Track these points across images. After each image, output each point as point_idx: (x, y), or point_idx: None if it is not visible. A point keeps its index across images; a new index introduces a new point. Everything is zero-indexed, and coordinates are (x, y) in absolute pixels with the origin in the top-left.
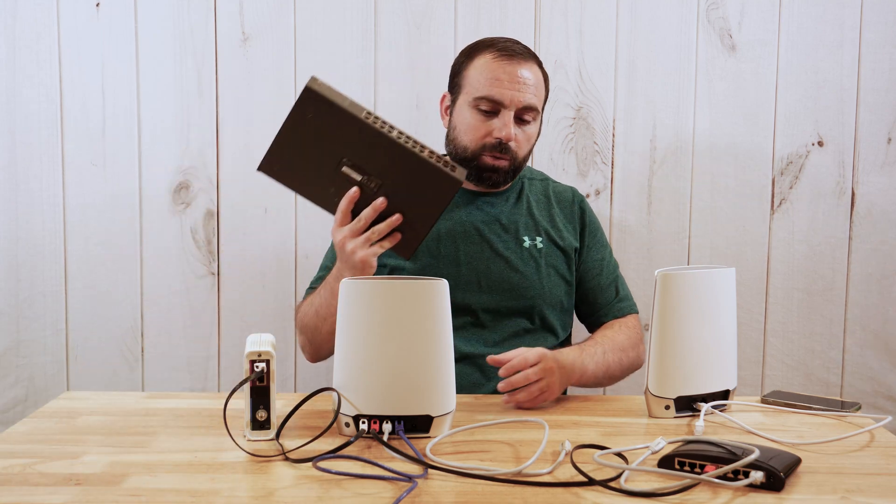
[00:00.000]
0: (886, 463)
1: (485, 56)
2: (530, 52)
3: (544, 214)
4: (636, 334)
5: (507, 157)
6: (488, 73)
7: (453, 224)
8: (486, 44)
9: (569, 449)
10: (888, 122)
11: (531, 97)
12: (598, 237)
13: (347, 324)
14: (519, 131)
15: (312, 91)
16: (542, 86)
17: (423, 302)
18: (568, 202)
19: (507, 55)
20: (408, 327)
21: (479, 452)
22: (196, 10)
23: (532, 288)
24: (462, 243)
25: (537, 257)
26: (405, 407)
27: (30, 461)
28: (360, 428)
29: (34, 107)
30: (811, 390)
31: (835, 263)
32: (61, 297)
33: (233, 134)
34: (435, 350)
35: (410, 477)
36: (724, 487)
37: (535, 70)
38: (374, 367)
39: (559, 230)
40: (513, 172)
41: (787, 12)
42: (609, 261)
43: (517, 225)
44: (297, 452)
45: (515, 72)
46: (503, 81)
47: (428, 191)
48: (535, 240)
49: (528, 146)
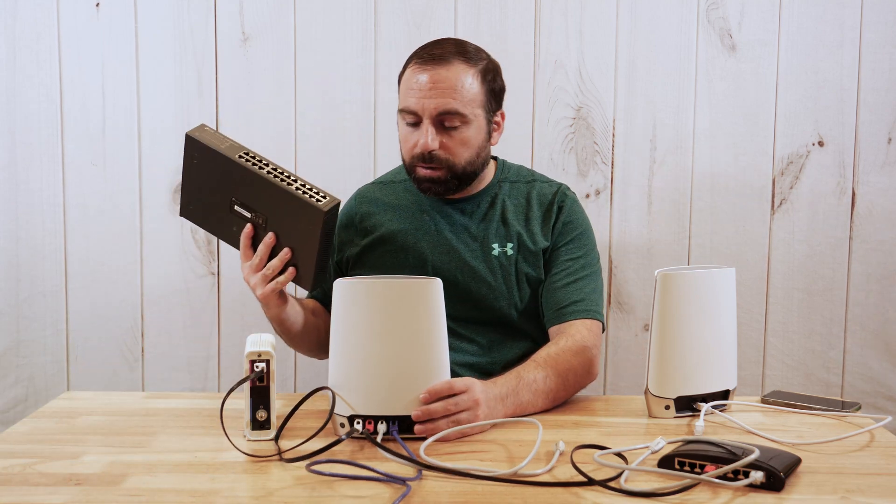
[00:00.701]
0: (886, 463)
1: (409, 67)
2: (455, 51)
3: (520, 218)
4: (581, 342)
5: (440, 167)
6: (406, 83)
7: (424, 234)
8: (416, 51)
9: (562, 449)
10: (888, 122)
11: (449, 101)
12: (575, 238)
13: (342, 324)
14: (446, 138)
15: (191, 138)
16: (475, 84)
17: (418, 301)
18: (547, 203)
19: (421, 62)
20: (402, 327)
21: (473, 453)
22: (196, 10)
23: (500, 298)
24: (431, 253)
25: (507, 265)
26: (400, 407)
27: (30, 461)
28: (353, 427)
29: (34, 107)
30: (811, 390)
31: (835, 263)
32: (61, 297)
33: (233, 134)
34: (430, 349)
35: (404, 480)
36: (724, 487)
37: (457, 70)
38: (368, 367)
39: (532, 234)
40: (456, 180)
41: (787, 12)
42: (577, 265)
43: (486, 232)
44: (293, 452)
45: (429, 78)
46: (415, 91)
47: (301, 222)
48: (505, 247)
49: (465, 150)
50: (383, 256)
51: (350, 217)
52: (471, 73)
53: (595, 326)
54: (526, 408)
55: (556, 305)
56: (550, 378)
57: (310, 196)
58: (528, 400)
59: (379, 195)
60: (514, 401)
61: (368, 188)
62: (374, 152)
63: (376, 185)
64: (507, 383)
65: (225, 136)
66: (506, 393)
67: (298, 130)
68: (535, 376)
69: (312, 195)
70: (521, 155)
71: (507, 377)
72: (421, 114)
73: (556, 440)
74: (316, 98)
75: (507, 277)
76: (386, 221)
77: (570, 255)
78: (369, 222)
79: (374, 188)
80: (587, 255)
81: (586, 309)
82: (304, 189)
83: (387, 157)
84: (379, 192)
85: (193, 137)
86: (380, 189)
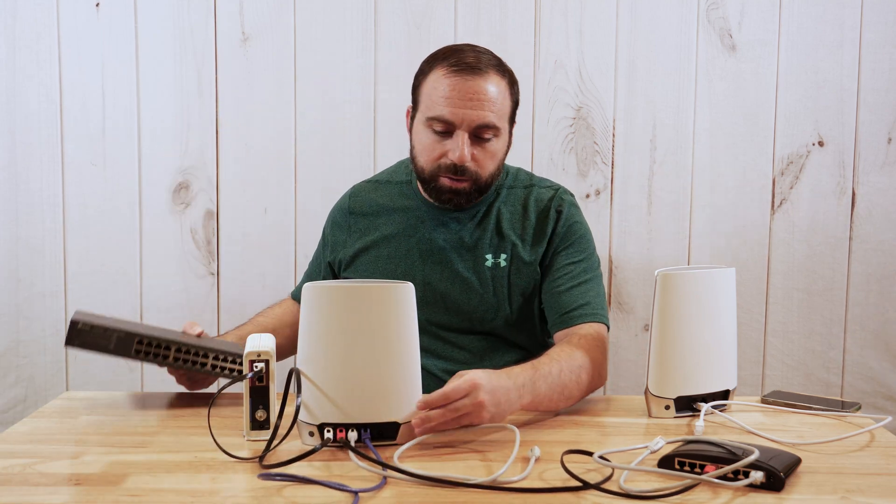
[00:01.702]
0: (886, 463)
1: (438, 71)
2: (490, 62)
3: (516, 227)
4: (591, 343)
5: (467, 179)
6: (440, 90)
7: (417, 242)
8: (442, 55)
9: (538, 455)
10: (888, 122)
11: (488, 114)
12: (576, 242)
13: (310, 329)
14: (478, 150)
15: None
16: (506, 97)
17: (388, 306)
18: (544, 209)
19: (459, 70)
20: (373, 332)
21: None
22: (196, 10)
23: (490, 310)
24: (423, 263)
25: (499, 277)
26: (371, 414)
27: (30, 461)
28: (325, 438)
29: (34, 107)
30: (811, 390)
31: (835, 263)
32: (61, 297)
33: (233, 134)
34: (400, 354)
35: (355, 492)
36: (724, 487)
37: (493, 82)
38: (338, 374)
39: (527, 242)
40: (477, 192)
41: (787, 12)
42: (579, 269)
43: (480, 242)
44: (274, 458)
45: (468, 89)
46: (454, 100)
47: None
48: (498, 258)
49: (492, 164)
50: (375, 262)
51: (343, 216)
52: (503, 84)
53: (602, 330)
54: (542, 401)
55: (561, 310)
56: (565, 373)
57: (222, 371)
58: (545, 392)
59: (374, 195)
60: (530, 390)
61: (364, 186)
62: (374, 152)
63: (371, 185)
64: (523, 373)
65: (106, 325)
66: (521, 383)
67: (298, 130)
68: (550, 369)
69: (225, 369)
70: (521, 155)
71: (523, 367)
72: (458, 125)
73: (533, 445)
74: (316, 98)
75: (499, 289)
76: (380, 225)
77: (572, 259)
78: (362, 224)
79: (370, 187)
80: (588, 258)
81: (593, 312)
82: (218, 367)
83: (386, 157)
84: (374, 193)
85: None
86: (375, 189)
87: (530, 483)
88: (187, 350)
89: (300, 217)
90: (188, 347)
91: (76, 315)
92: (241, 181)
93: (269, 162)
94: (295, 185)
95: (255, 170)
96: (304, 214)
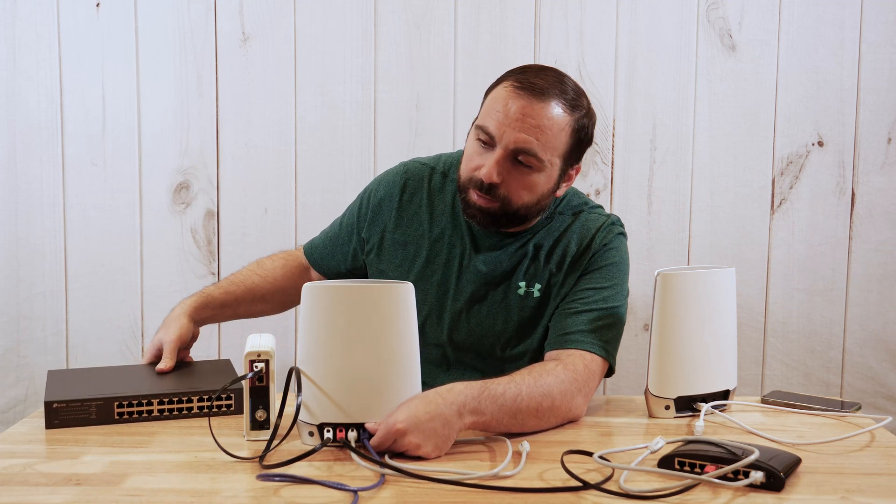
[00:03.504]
0: (886, 463)
1: (505, 84)
2: (559, 90)
3: (557, 255)
4: (572, 374)
5: (496, 200)
6: (494, 101)
7: (452, 248)
8: (518, 70)
9: (528, 450)
10: (888, 122)
11: (530, 140)
12: (605, 268)
13: (310, 329)
14: (513, 174)
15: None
16: (563, 131)
17: (388, 306)
18: (589, 237)
19: (521, 87)
20: (373, 332)
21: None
22: (196, 10)
23: (513, 339)
24: (454, 278)
25: (529, 306)
26: (371, 414)
27: (30, 461)
28: (325, 439)
29: (34, 107)
30: (811, 390)
31: (835, 263)
32: (61, 297)
33: (233, 134)
34: (400, 354)
35: (354, 491)
36: (724, 487)
37: (551, 111)
38: (338, 374)
39: (563, 271)
40: (506, 218)
41: (787, 12)
42: (598, 296)
43: (517, 268)
44: (276, 457)
45: (520, 108)
46: (500, 114)
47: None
48: (532, 287)
49: (528, 195)
50: (403, 261)
51: (390, 194)
52: (565, 120)
53: (596, 363)
54: (489, 422)
55: (561, 329)
56: (524, 398)
57: (209, 410)
58: (493, 414)
59: (428, 184)
60: (472, 410)
61: (420, 170)
62: (374, 152)
63: (427, 168)
64: (466, 391)
65: (83, 397)
66: (461, 401)
67: (298, 130)
68: (506, 390)
69: (212, 407)
70: None
71: (471, 385)
72: (497, 140)
73: (533, 445)
74: (316, 98)
75: (525, 320)
76: (424, 219)
77: (593, 285)
78: (408, 211)
79: (426, 172)
80: (613, 288)
81: (594, 342)
82: (202, 407)
83: (387, 157)
84: (429, 181)
85: (53, 418)
86: (430, 175)
87: (530, 483)
88: (170, 399)
89: (300, 217)
90: (170, 396)
91: (48, 393)
92: (241, 181)
93: (269, 162)
94: (295, 185)
95: (255, 170)
96: (304, 214)
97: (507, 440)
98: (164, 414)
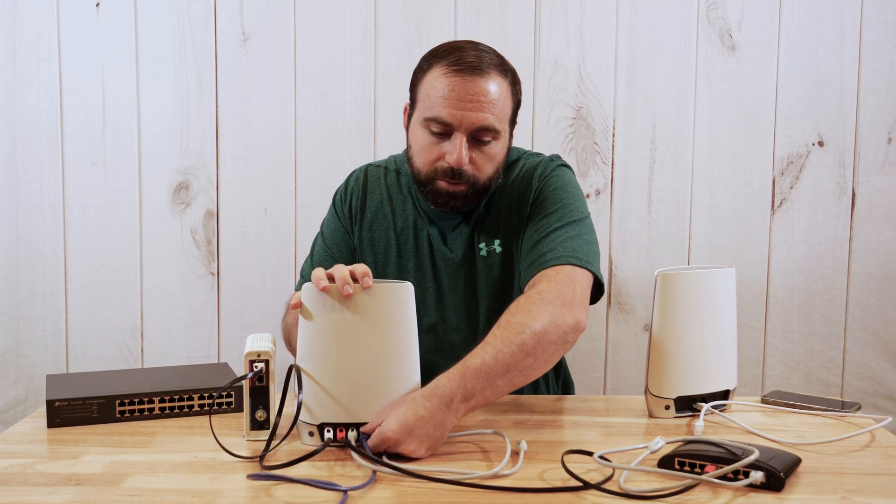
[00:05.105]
0: (886, 463)
1: (438, 69)
2: (492, 61)
3: (504, 208)
4: (541, 291)
5: (464, 182)
6: (439, 90)
7: (416, 243)
8: (443, 52)
9: (526, 449)
10: (888, 122)
11: (488, 117)
12: (548, 196)
13: (309, 329)
14: (477, 153)
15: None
16: (507, 98)
17: (388, 306)
18: (529, 178)
19: (459, 69)
20: (372, 332)
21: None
22: (196, 10)
23: (483, 299)
24: (434, 262)
25: (493, 264)
26: (371, 414)
27: (30, 461)
28: (326, 440)
29: (34, 107)
30: (811, 390)
31: (835, 263)
32: (61, 297)
33: (233, 134)
34: (400, 354)
35: (344, 490)
36: (724, 487)
37: (495, 83)
38: (338, 374)
39: (514, 223)
40: (475, 195)
41: (787, 12)
42: (553, 218)
43: (476, 231)
44: (274, 459)
45: (468, 89)
46: (453, 101)
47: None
48: (492, 245)
49: (491, 166)
50: (377, 256)
51: (357, 197)
52: (505, 85)
53: (569, 272)
54: (487, 397)
55: (526, 264)
56: (503, 352)
57: (210, 407)
58: (482, 387)
59: (385, 182)
60: (463, 396)
61: (375, 171)
62: (374, 152)
63: (381, 169)
64: (448, 382)
65: (84, 396)
66: (448, 395)
67: (298, 130)
68: (481, 358)
69: (213, 405)
70: None
71: (449, 372)
72: (456, 127)
73: (532, 445)
74: (316, 98)
75: (497, 279)
76: (387, 214)
77: (543, 213)
78: (371, 210)
79: (380, 173)
80: (564, 208)
81: (558, 257)
82: (203, 405)
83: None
84: (385, 179)
85: (55, 416)
86: (385, 174)
87: (530, 482)
88: (171, 398)
89: (300, 217)
90: (171, 395)
91: (49, 392)
92: (241, 181)
93: (269, 162)
94: (295, 185)
95: (255, 170)
96: (304, 214)
97: (506, 438)
98: (165, 412)
